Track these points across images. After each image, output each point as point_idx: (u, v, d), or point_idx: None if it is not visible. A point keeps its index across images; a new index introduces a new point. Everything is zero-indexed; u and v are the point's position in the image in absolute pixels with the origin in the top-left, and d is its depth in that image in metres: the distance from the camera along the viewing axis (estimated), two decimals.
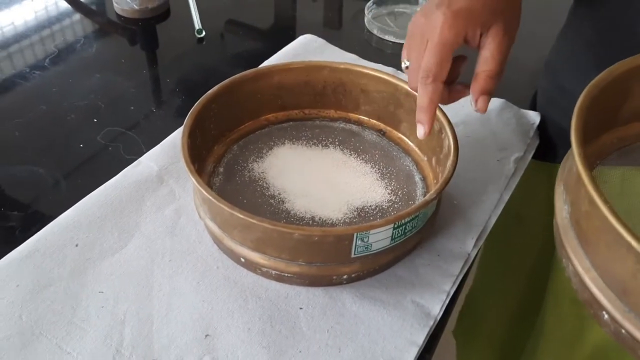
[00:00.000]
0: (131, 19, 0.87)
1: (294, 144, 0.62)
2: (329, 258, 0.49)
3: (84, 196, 0.57)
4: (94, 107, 0.70)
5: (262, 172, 0.59)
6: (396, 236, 0.49)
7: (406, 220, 0.48)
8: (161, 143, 0.64)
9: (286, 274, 0.50)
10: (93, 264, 0.52)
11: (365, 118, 0.65)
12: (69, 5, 0.90)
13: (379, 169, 0.60)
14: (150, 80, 0.77)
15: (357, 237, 0.47)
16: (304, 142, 0.63)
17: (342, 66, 0.62)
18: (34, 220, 0.57)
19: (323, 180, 0.58)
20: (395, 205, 0.56)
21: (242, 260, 0.52)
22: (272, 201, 0.56)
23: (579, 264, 0.44)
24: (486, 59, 0.49)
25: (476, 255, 0.56)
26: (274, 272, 0.50)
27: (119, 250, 0.54)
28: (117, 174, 0.60)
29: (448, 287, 0.52)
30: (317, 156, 0.61)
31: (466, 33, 0.47)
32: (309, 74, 0.63)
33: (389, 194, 0.57)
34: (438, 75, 0.48)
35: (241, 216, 0.46)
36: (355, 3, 0.97)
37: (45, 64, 0.77)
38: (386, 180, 0.59)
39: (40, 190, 0.61)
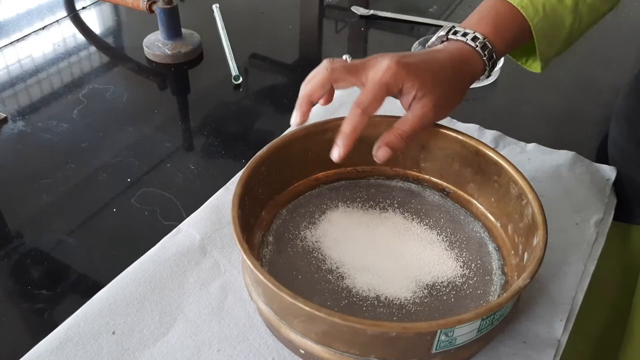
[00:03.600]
0: (163, 65, 0.82)
1: (348, 206, 0.57)
2: (405, 354, 0.43)
3: (120, 270, 0.52)
4: (127, 164, 0.65)
5: (316, 242, 0.53)
6: (483, 327, 0.42)
7: (496, 311, 0.42)
8: (202, 207, 0.58)
9: None
10: (132, 355, 0.46)
11: (426, 176, 0.59)
12: (105, 55, 0.86)
13: (446, 236, 0.54)
14: (185, 133, 0.72)
15: (441, 332, 0.40)
16: (360, 205, 0.57)
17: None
18: (65, 299, 0.51)
19: (385, 251, 0.52)
20: (470, 282, 0.50)
21: (302, 352, 0.45)
22: (330, 277, 0.50)
23: None
24: (406, 120, 0.50)
25: None
26: None
27: (160, 337, 0.48)
28: (155, 243, 0.54)
29: None
30: (375, 221, 0.55)
31: (403, 85, 0.48)
32: (364, 130, 0.57)
33: (460, 267, 0.51)
34: (367, 110, 0.48)
35: (306, 308, 0.40)
36: (382, 34, 0.92)
37: (74, 116, 0.72)
38: (456, 250, 0.52)
39: (70, 263, 0.55)
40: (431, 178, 0.59)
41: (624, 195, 0.65)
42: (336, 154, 0.49)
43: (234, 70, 0.79)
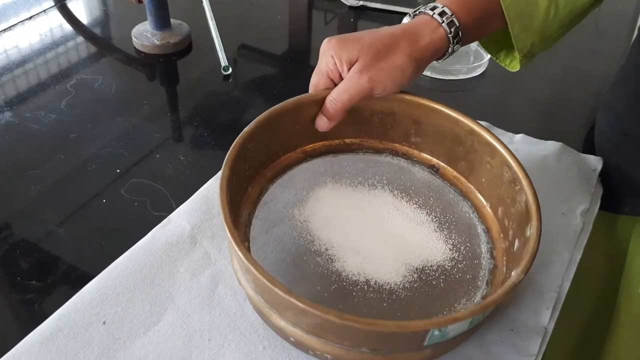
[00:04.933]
0: (151, 55, 0.82)
1: (336, 182, 0.55)
2: (397, 347, 0.43)
3: (110, 261, 0.52)
4: (117, 155, 0.65)
5: (305, 221, 0.52)
6: (475, 321, 0.42)
7: (490, 309, 0.41)
8: (192, 197, 0.58)
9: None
10: (123, 344, 0.46)
11: (416, 152, 0.58)
12: (93, 45, 0.85)
13: (435, 217, 0.53)
14: (175, 123, 0.72)
15: (434, 329, 0.40)
16: (348, 181, 0.56)
17: (395, 95, 0.54)
18: (55, 290, 0.51)
19: (375, 233, 0.52)
20: (460, 266, 0.50)
21: (292, 340, 0.45)
22: (319, 259, 0.49)
23: None
24: (337, 89, 0.51)
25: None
26: (329, 356, 0.44)
27: (151, 327, 0.48)
28: (145, 234, 0.54)
29: None
30: (364, 200, 0.54)
31: (341, 58, 0.50)
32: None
33: (450, 249, 0.51)
34: (346, 107, 0.51)
35: (300, 304, 0.39)
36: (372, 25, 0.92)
37: (62, 107, 0.72)
38: (445, 232, 0.52)
39: (60, 254, 0.55)
40: (421, 153, 0.58)
41: (610, 186, 0.65)
42: (325, 123, 0.51)
43: (223, 60, 0.79)
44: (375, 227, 0.52)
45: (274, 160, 0.56)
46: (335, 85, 0.52)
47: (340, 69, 0.51)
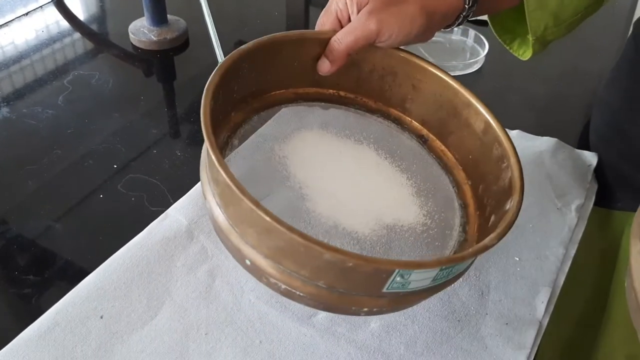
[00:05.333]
0: (148, 51, 0.82)
1: (323, 129, 0.53)
2: (355, 287, 0.41)
3: (107, 255, 0.52)
4: (114, 151, 0.65)
5: (284, 157, 0.49)
6: (438, 278, 0.41)
7: (457, 264, 0.41)
8: (189, 192, 0.58)
9: (298, 292, 0.41)
10: (120, 338, 0.47)
11: (408, 118, 0.56)
12: (90, 41, 0.85)
13: (415, 183, 0.51)
14: (172, 119, 0.72)
15: (398, 272, 0.38)
16: (335, 131, 0.53)
17: (400, 54, 0.52)
18: (52, 285, 0.51)
19: (352, 183, 0.49)
20: (430, 232, 0.48)
21: (248, 262, 0.42)
22: (291, 195, 0.47)
23: None
24: (343, 30, 0.49)
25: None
26: (283, 286, 0.41)
27: (148, 321, 0.48)
28: (142, 229, 0.54)
29: None
30: (348, 152, 0.52)
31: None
32: (359, 52, 0.52)
33: (424, 215, 0.49)
34: (350, 49, 0.49)
35: (266, 218, 0.36)
36: None
37: (59, 102, 0.72)
38: (422, 199, 0.50)
39: (57, 249, 0.55)
40: (412, 121, 0.56)
41: (605, 181, 0.66)
42: (327, 66, 0.49)
43: (220, 56, 0.79)
44: (353, 178, 0.50)
45: (263, 93, 0.53)
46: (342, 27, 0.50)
47: (350, 9, 0.49)
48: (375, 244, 0.46)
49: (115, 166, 0.63)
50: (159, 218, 0.56)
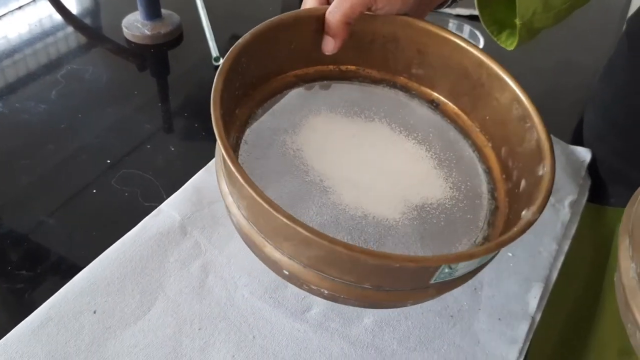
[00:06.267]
0: (142, 45, 0.82)
1: (331, 112, 0.51)
2: (403, 284, 0.40)
3: (100, 251, 0.52)
4: (107, 146, 0.65)
5: (298, 149, 0.48)
6: (483, 260, 0.40)
7: (505, 246, 0.38)
8: (182, 188, 0.58)
9: (342, 296, 0.40)
10: (114, 333, 0.47)
11: (416, 84, 0.54)
12: (83, 35, 0.85)
13: (435, 154, 0.49)
14: (165, 114, 0.72)
15: (445, 265, 0.37)
16: (344, 111, 0.51)
17: (401, 18, 0.50)
18: (45, 280, 0.51)
19: (372, 167, 0.48)
20: (460, 205, 0.46)
21: (286, 273, 0.41)
22: (314, 190, 0.45)
23: None
24: (335, 1, 0.48)
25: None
26: (326, 292, 0.40)
27: (142, 316, 0.48)
28: (135, 224, 0.54)
29: (514, 357, 0.46)
30: (361, 132, 0.50)
31: None
32: (357, 22, 0.50)
33: (450, 188, 0.47)
34: (347, 17, 0.47)
35: (305, 232, 0.35)
36: None
37: (52, 97, 0.71)
38: (445, 170, 0.48)
39: (50, 244, 0.55)
40: (420, 87, 0.54)
41: (598, 177, 0.66)
42: (330, 45, 0.48)
43: (214, 51, 0.79)
44: (372, 160, 0.48)
45: (263, 82, 0.51)
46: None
47: None
48: (408, 228, 0.44)
49: (108, 161, 0.63)
50: (152, 213, 0.55)
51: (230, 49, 0.45)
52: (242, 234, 0.43)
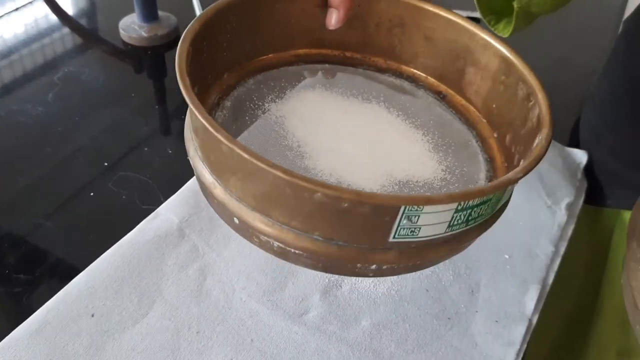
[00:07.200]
0: (139, 47, 0.81)
1: (327, 89, 0.48)
2: (356, 237, 0.35)
3: (98, 254, 0.52)
4: (104, 148, 0.65)
5: (281, 116, 0.45)
6: (455, 223, 0.35)
7: (476, 202, 0.35)
8: (180, 191, 0.58)
9: (293, 250, 0.37)
10: (112, 337, 0.47)
11: (423, 74, 0.51)
12: (80, 38, 0.85)
13: (432, 139, 0.46)
14: (162, 116, 0.72)
15: (403, 212, 0.33)
16: (340, 91, 0.49)
17: (407, 0, 0.48)
18: (43, 284, 0.51)
19: (359, 139, 0.44)
20: (451, 187, 0.42)
21: (236, 221, 0.38)
22: (288, 153, 0.42)
23: None
24: None
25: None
26: (276, 244, 0.37)
27: (139, 319, 0.48)
28: (132, 227, 0.54)
29: (511, 359, 0.47)
30: (355, 110, 0.47)
31: None
32: (362, 4, 0.48)
33: (442, 170, 0.43)
34: None
35: (245, 155, 0.33)
36: None
37: (49, 99, 0.71)
38: (441, 154, 0.45)
39: (48, 247, 0.55)
40: (428, 77, 0.51)
41: (595, 179, 0.66)
42: (333, 18, 0.46)
43: None
44: (360, 134, 0.45)
45: (259, 55, 0.49)
46: None
47: None
48: None
49: (105, 164, 0.63)
50: (149, 216, 0.55)
51: (218, 1, 0.43)
52: (199, 182, 0.41)
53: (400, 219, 0.33)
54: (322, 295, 0.50)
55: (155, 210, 0.56)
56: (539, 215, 0.58)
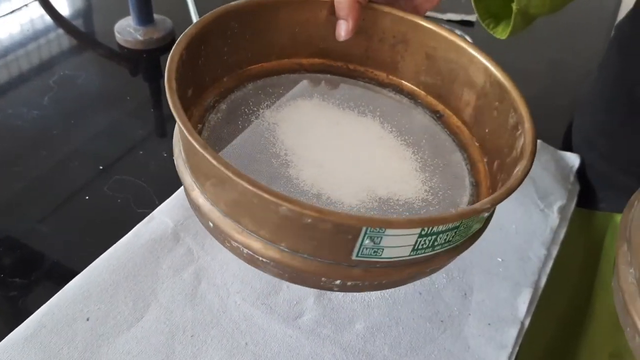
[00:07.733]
0: (134, 50, 0.82)
1: (324, 100, 0.49)
2: (320, 252, 0.36)
3: (93, 257, 0.52)
4: (99, 152, 0.65)
5: (273, 123, 0.46)
6: (420, 247, 0.35)
7: (441, 228, 0.34)
8: (175, 194, 0.58)
9: (261, 258, 0.37)
10: (107, 340, 0.47)
11: (422, 92, 0.52)
12: (76, 41, 0.85)
13: (422, 158, 0.46)
14: (158, 120, 0.72)
15: (365, 233, 0.33)
16: (337, 102, 0.49)
17: (409, 17, 0.49)
18: (38, 287, 0.51)
19: (346, 153, 0.45)
20: (431, 208, 0.42)
21: (211, 225, 0.39)
22: (273, 161, 0.43)
23: None
24: None
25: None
26: (245, 250, 0.38)
27: (134, 323, 0.48)
28: (128, 231, 0.54)
29: None
30: (348, 122, 0.48)
31: None
32: (367, 18, 0.49)
33: (425, 191, 0.43)
34: None
35: (214, 162, 0.33)
36: None
37: (44, 102, 0.71)
38: (427, 174, 0.45)
39: (43, 251, 0.55)
40: (427, 96, 0.52)
41: (588, 182, 0.67)
42: (343, 29, 0.46)
43: None
44: (349, 149, 0.45)
45: (261, 61, 0.50)
46: None
47: None
48: None
49: (101, 167, 0.63)
50: (144, 220, 0.56)
51: (219, 7, 0.44)
52: (182, 181, 0.41)
53: (363, 239, 0.34)
54: (316, 298, 0.51)
55: (150, 214, 0.56)
56: (532, 218, 0.59)
